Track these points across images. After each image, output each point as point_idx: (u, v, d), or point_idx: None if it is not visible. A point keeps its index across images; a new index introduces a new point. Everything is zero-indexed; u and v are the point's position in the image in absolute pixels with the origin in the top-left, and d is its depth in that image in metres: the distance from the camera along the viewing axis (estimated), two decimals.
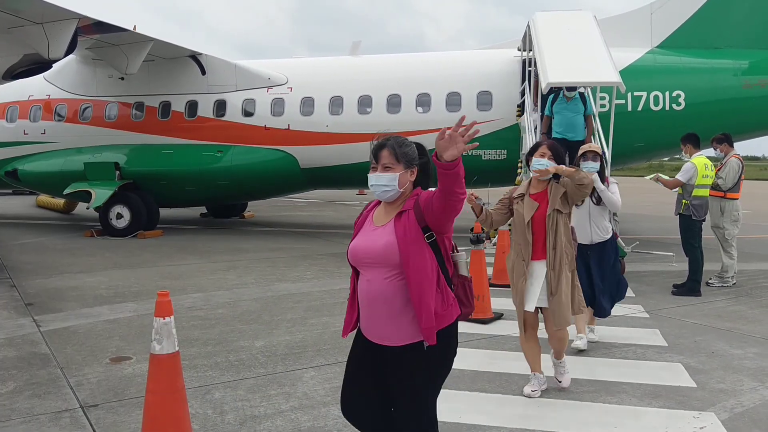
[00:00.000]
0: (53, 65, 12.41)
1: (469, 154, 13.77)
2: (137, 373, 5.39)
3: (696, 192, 8.68)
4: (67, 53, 11.52)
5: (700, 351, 6.09)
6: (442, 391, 3.09)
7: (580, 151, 5.91)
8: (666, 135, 12.97)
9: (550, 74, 9.80)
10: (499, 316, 7.22)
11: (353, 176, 14.45)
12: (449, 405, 4.42)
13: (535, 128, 11.26)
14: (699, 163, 8.76)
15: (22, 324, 7.02)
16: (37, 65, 11.86)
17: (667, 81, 13.10)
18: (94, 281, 9.37)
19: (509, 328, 6.69)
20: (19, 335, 6.58)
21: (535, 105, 11.48)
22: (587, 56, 10.57)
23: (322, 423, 4.41)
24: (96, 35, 12.44)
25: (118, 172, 14.76)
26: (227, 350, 6.05)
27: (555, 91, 10.45)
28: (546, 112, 10.50)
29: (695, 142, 9.02)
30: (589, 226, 6.00)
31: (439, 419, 3.06)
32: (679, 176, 8.74)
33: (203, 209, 19.05)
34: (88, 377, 5.31)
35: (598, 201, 5.96)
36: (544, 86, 9.92)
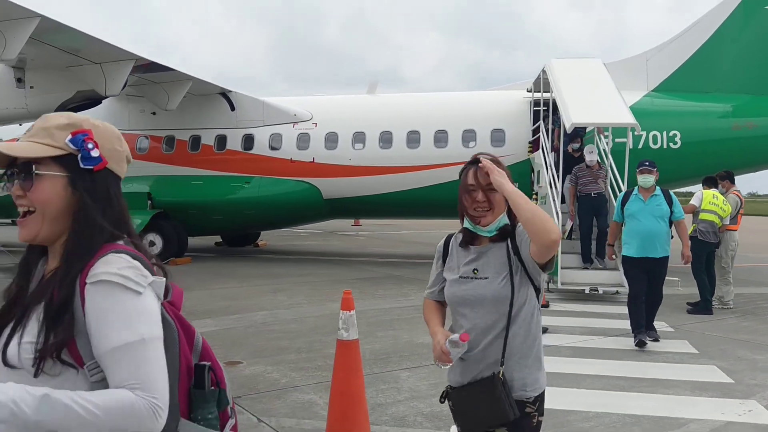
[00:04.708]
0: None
1: None
2: (256, 373, 6.19)
3: (701, 216, 9.95)
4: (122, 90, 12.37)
5: (728, 356, 7.07)
6: None
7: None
8: (664, 171, 14.19)
9: (573, 115, 10.93)
10: None
11: (372, 207, 15.43)
12: None
13: (552, 164, 12.33)
14: (707, 194, 10.09)
15: None
16: (88, 101, 12.66)
17: (664, 122, 14.41)
18: None
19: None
20: None
21: (556, 143, 12.57)
22: (603, 99, 11.76)
23: (438, 409, 5.24)
24: (144, 73, 13.30)
25: (150, 202, 15.48)
26: (322, 356, 6.86)
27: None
28: (615, 217, 8.19)
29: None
30: None
31: None
32: (693, 202, 10.08)
33: (218, 238, 19.76)
34: None
35: None
36: (568, 126, 11.05)
